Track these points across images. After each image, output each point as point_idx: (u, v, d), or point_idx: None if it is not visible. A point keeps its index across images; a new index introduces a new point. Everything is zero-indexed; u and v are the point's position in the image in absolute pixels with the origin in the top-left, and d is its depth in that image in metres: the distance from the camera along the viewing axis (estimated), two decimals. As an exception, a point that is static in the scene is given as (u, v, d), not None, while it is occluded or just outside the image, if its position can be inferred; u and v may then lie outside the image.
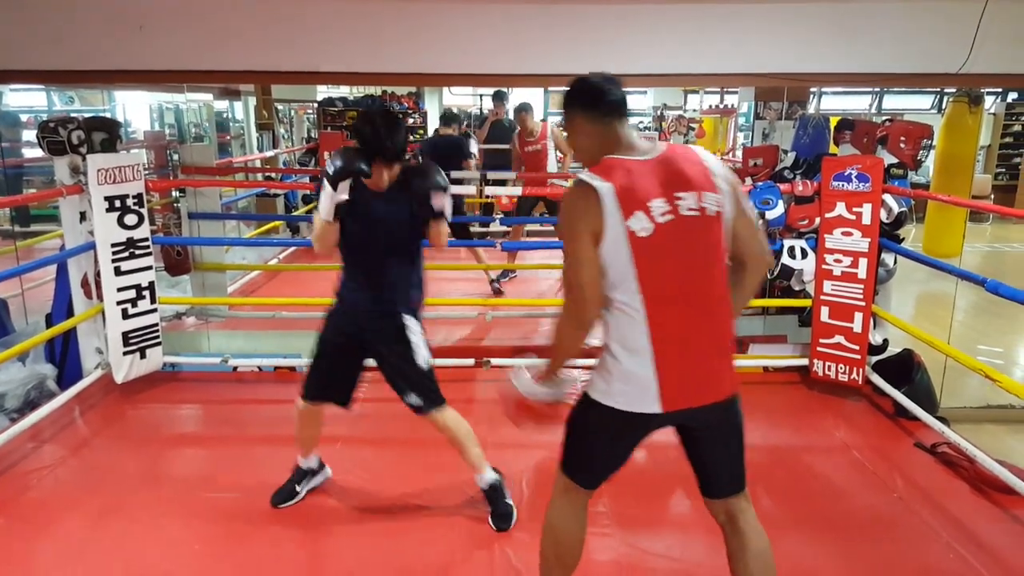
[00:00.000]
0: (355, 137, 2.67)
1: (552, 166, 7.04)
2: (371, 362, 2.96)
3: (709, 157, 2.00)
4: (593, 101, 2.00)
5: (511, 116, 7.72)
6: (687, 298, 1.91)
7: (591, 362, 2.05)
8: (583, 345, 1.99)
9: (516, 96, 11.20)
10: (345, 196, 2.61)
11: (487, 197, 8.00)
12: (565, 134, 2.14)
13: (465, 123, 12.38)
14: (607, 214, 1.84)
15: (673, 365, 1.91)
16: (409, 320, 2.85)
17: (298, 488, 3.16)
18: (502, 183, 7.03)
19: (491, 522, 2.96)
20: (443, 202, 2.70)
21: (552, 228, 7.98)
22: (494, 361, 4.56)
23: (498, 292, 6.59)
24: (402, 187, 2.70)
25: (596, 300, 1.92)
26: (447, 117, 6.89)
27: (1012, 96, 13.32)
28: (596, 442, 2.08)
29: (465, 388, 4.44)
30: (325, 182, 2.59)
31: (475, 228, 8.85)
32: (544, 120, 7.28)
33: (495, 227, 8.72)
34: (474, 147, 6.37)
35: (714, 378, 1.97)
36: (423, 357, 2.85)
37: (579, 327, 1.94)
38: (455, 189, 5.55)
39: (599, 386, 1.99)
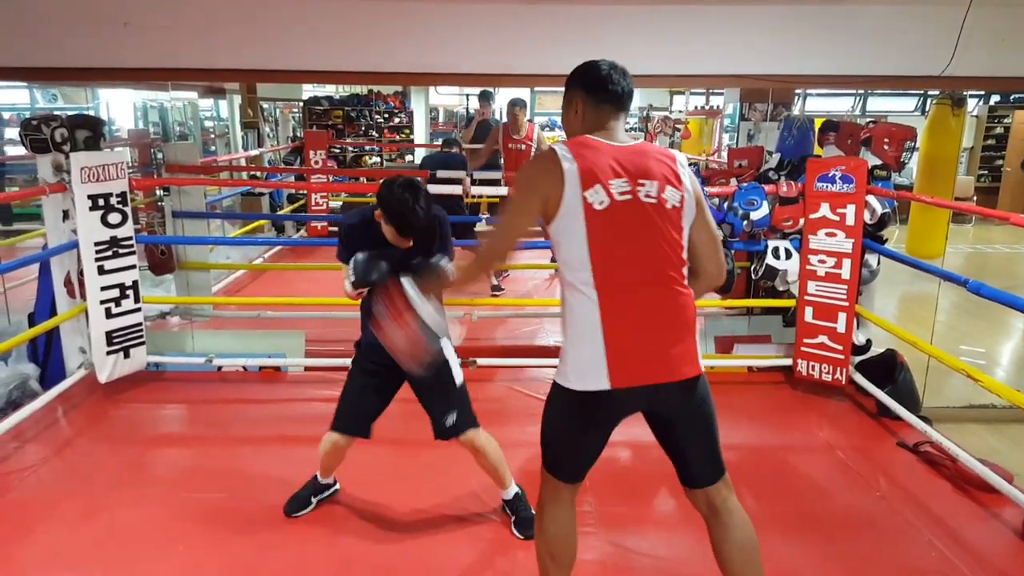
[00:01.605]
0: (384, 211, 2.63)
1: None
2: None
3: (683, 161, 2.05)
4: (596, 86, 2.04)
5: (498, 115, 7.72)
6: (639, 279, 1.95)
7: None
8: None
9: (503, 96, 11.21)
10: (365, 292, 2.68)
11: (474, 197, 8.00)
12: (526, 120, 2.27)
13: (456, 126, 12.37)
14: (566, 183, 1.90)
15: (621, 342, 1.93)
16: (446, 343, 2.83)
17: (313, 499, 3.12)
18: (489, 183, 7.04)
19: (517, 531, 2.94)
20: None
21: (539, 229, 7.97)
22: (480, 361, 4.56)
23: (498, 290, 6.62)
24: (420, 242, 2.72)
25: (506, 249, 2.09)
26: (449, 142, 7.06)
27: (994, 99, 13.46)
28: (562, 428, 2.09)
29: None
30: (348, 279, 2.66)
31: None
32: (531, 121, 7.28)
33: (480, 227, 8.71)
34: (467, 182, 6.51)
35: (667, 358, 1.97)
36: (459, 376, 2.89)
37: (484, 275, 2.19)
38: (447, 189, 5.61)
39: (560, 370, 2.03)
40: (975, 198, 12.65)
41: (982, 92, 12.80)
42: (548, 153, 1.96)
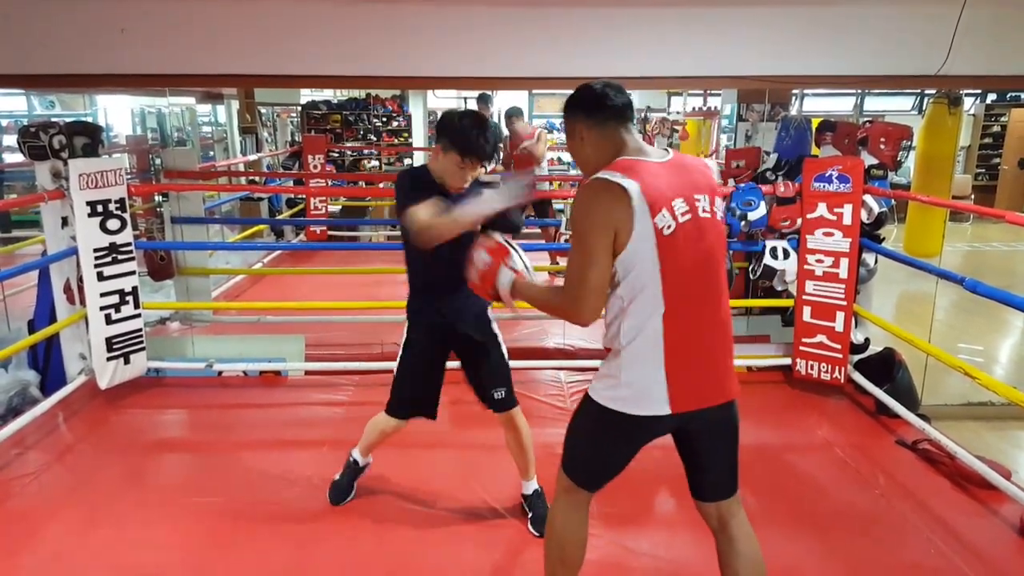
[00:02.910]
0: (450, 137, 2.56)
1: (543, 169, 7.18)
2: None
3: (712, 166, 2.05)
4: (594, 106, 1.99)
5: (496, 119, 7.75)
6: (701, 298, 1.93)
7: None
8: None
9: (500, 99, 11.23)
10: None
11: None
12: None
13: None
14: (636, 212, 1.82)
15: (684, 366, 1.91)
16: (491, 313, 2.90)
17: (355, 484, 3.19)
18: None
19: (532, 527, 2.95)
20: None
21: (539, 230, 8.02)
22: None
23: None
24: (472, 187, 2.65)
25: (599, 303, 1.90)
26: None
27: (991, 97, 13.49)
28: (602, 446, 2.06)
29: (456, 389, 4.43)
30: (489, 196, 2.38)
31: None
32: (530, 123, 7.41)
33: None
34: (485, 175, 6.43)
35: (722, 379, 1.98)
36: (504, 350, 2.93)
37: (567, 318, 1.94)
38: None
39: (604, 392, 1.98)
40: (972, 196, 12.68)
41: (979, 91, 12.83)
42: (604, 183, 1.85)
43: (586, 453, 2.10)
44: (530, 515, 2.99)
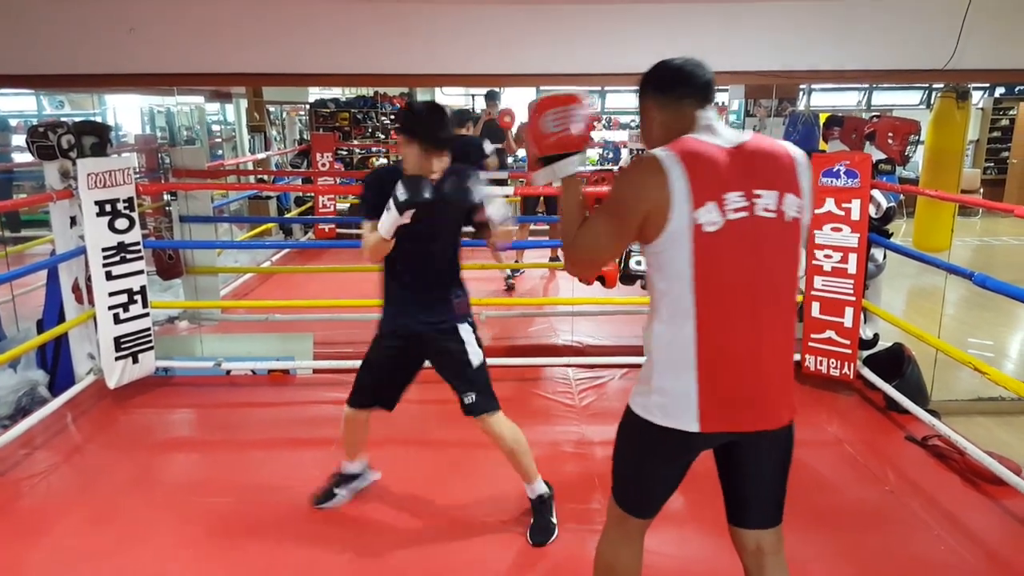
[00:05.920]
0: (403, 130, 2.64)
1: None
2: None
3: (799, 154, 1.77)
4: (667, 83, 1.80)
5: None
6: (747, 309, 1.69)
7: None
8: None
9: (508, 96, 11.21)
10: (408, 220, 2.57)
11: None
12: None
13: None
14: (674, 199, 1.63)
15: (719, 382, 1.70)
16: (463, 327, 2.84)
17: (336, 491, 3.14)
18: (499, 183, 7.04)
19: (528, 536, 2.87)
20: (491, 213, 2.70)
21: (548, 227, 8.02)
22: (489, 360, 4.54)
23: (511, 288, 6.63)
24: (447, 182, 2.70)
25: (593, 269, 1.93)
26: (460, 117, 6.92)
27: (1000, 91, 13.38)
28: (638, 462, 1.89)
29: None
30: (392, 205, 2.53)
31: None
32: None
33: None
34: (488, 147, 6.28)
35: (767, 403, 1.75)
36: (477, 357, 2.85)
37: (564, 258, 1.86)
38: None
39: (638, 399, 1.82)
40: (981, 190, 12.58)
41: (987, 84, 12.73)
42: (652, 163, 1.66)
43: (626, 470, 1.91)
44: (530, 522, 2.91)
